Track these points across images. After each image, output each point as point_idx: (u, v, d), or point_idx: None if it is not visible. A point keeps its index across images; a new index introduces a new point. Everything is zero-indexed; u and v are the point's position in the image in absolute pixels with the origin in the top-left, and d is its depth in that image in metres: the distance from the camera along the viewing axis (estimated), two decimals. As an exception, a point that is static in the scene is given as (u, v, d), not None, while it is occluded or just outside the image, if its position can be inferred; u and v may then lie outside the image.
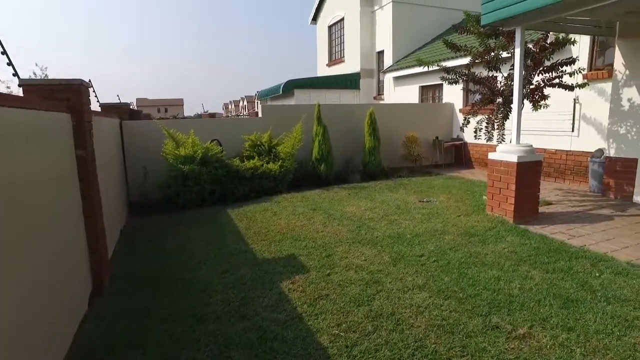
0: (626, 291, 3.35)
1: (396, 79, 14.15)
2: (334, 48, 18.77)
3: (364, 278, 3.75)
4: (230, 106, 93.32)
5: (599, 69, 7.33)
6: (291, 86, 15.58)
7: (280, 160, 8.07)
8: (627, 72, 6.40)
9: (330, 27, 18.66)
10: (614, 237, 4.74)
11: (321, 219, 5.92)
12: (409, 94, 13.44)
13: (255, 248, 4.77)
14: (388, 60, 15.08)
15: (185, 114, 69.55)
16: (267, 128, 8.68)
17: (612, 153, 6.69)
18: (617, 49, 6.53)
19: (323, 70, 19.51)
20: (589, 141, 7.50)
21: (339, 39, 18.03)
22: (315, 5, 19.43)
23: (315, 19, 19.98)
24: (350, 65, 16.72)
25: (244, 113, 64.40)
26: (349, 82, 16.20)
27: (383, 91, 15.44)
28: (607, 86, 6.94)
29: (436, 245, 4.57)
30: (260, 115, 9.18)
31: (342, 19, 17.30)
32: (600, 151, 6.99)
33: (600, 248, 4.37)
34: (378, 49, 15.81)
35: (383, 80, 15.42)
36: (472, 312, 3.07)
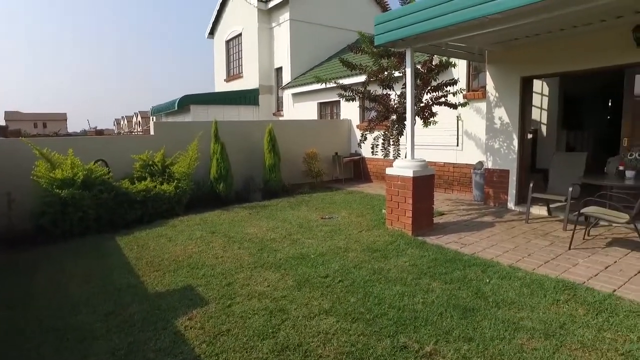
0: (511, 294, 3.60)
1: (295, 95, 14.28)
2: (232, 63, 18.39)
3: (267, 307, 3.50)
4: (122, 122, 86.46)
5: (475, 90, 8.14)
6: (187, 102, 14.83)
7: (176, 181, 7.49)
8: (497, 94, 7.18)
9: (227, 42, 18.28)
10: (497, 242, 5.17)
11: (221, 242, 5.54)
12: (307, 110, 13.63)
13: (147, 281, 4.24)
14: (287, 77, 15.19)
15: (70, 130, 62.44)
16: (160, 146, 8.03)
17: (490, 165, 7.41)
18: (487, 73, 7.30)
19: (221, 85, 18.99)
20: (471, 154, 8.25)
21: (237, 54, 17.73)
22: (212, 20, 18.92)
23: (212, 33, 19.43)
24: (249, 81, 16.50)
25: (138, 130, 60.11)
26: (248, 98, 15.95)
27: (282, 107, 15.47)
28: (483, 105, 7.72)
29: (340, 264, 4.51)
30: (152, 132, 8.47)
31: (240, 35, 17.06)
32: (481, 163, 7.71)
33: (487, 254, 4.71)
34: (277, 65, 15.86)
35: (282, 97, 15.46)
36: (380, 333, 3.01)
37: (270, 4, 15.35)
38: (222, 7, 18.19)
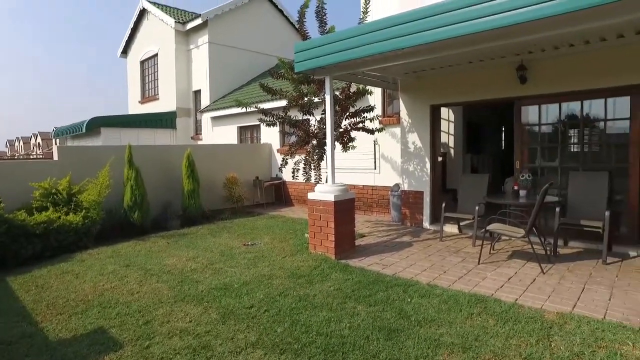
0: (431, 311, 3.79)
1: (214, 118, 14.01)
2: (147, 84, 17.57)
3: (190, 344, 3.30)
4: (17, 144, 77.49)
5: (390, 116, 8.65)
6: (97, 124, 13.78)
7: (84, 210, 6.87)
8: (410, 120, 7.70)
9: (142, 62, 17.48)
10: (415, 261, 5.45)
11: (136, 276, 5.15)
12: (227, 134, 13.42)
13: (47, 327, 3.77)
14: (205, 100, 14.87)
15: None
16: (65, 172, 7.32)
17: (406, 187, 7.85)
18: (400, 100, 7.82)
19: (135, 107, 18.00)
20: (388, 177, 8.68)
21: (153, 75, 17.00)
22: (126, 38, 17.98)
23: (125, 52, 18.46)
24: (166, 103, 15.87)
25: (38, 153, 54.22)
26: (165, 120, 15.29)
27: (201, 131, 15.06)
28: (398, 130, 8.22)
29: (265, 293, 4.42)
30: (56, 157, 7.72)
31: (156, 55, 16.43)
32: (397, 186, 8.13)
33: (407, 274, 4.93)
34: (195, 88, 15.48)
35: (201, 120, 15.07)
36: (308, 362, 2.98)
37: (189, 26, 15.06)
38: (137, 25, 17.44)
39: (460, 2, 4.02)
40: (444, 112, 9.87)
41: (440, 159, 8.30)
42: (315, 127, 7.09)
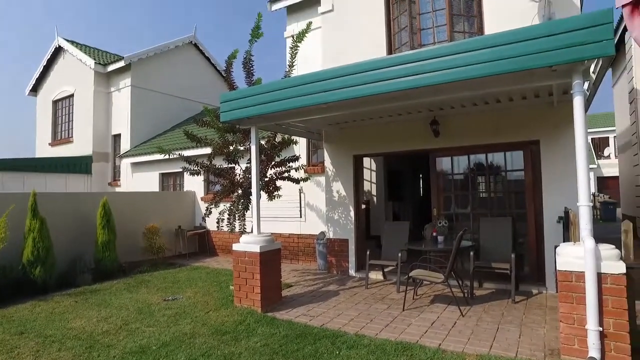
0: (358, 363, 3.77)
1: (135, 164, 13.34)
2: (59, 126, 16.31)
3: (95, 422, 2.93)
4: None
5: (315, 164, 8.88)
6: (-6, 168, 12.40)
7: (-31, 269, 6.01)
8: (334, 169, 7.96)
9: (55, 102, 16.31)
10: (342, 311, 5.44)
11: (32, 345, 4.53)
12: (149, 181, 12.80)
13: None
14: (126, 145, 14.16)
15: None
16: (-52, 225, 6.42)
17: (331, 235, 7.96)
18: (325, 150, 8.09)
19: (44, 150, 16.54)
20: (314, 225, 8.76)
21: (67, 116, 15.88)
22: (37, 76, 16.71)
23: (35, 90, 17.12)
24: (81, 146, 14.83)
25: None
26: (79, 165, 14.22)
27: (120, 177, 14.20)
28: (322, 179, 8.42)
29: (187, 354, 4.11)
30: (-63, 207, 6.77)
31: (72, 95, 15.47)
32: (323, 234, 8.22)
33: (335, 324, 4.89)
34: (115, 131, 14.71)
35: (120, 166, 14.25)
36: None
37: (110, 68, 14.51)
38: (51, 63, 16.39)
39: (374, 64, 4.39)
40: (366, 161, 10.35)
41: (363, 206, 8.60)
42: (241, 176, 7.04)
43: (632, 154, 11.62)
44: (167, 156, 7.36)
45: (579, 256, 3.52)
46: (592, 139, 29.31)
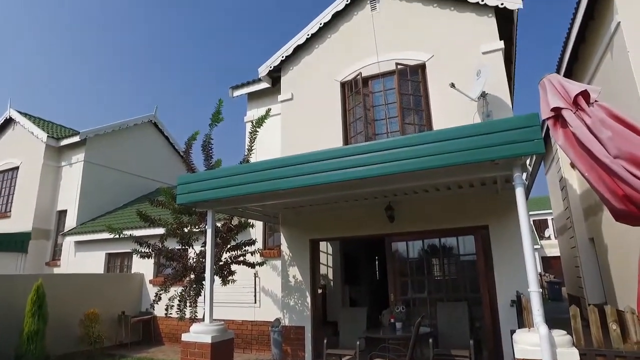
0: None
1: (79, 243, 12.54)
2: (-3, 199, 15.33)
3: None
4: None
5: (271, 248, 8.73)
6: None
7: None
8: (290, 253, 7.84)
9: (-4, 173, 15.47)
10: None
11: None
12: (93, 261, 11.97)
13: None
14: (71, 222, 13.39)
15: None
16: None
17: (287, 322, 7.60)
18: (281, 234, 8.03)
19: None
20: (269, 311, 8.38)
21: (8, 189, 14.97)
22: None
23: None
24: (19, 222, 13.84)
25: None
26: (14, 243, 13.13)
27: (60, 256, 13.19)
28: (279, 263, 8.24)
29: None
30: None
31: (17, 168, 14.75)
32: (278, 320, 7.84)
33: None
34: (60, 207, 13.96)
35: (62, 244, 13.32)
36: None
37: (63, 142, 14.15)
38: (-3, 134, 15.79)
39: (329, 153, 4.61)
40: (323, 244, 10.33)
41: (320, 291, 8.39)
42: (194, 260, 6.78)
43: (568, 236, 12.41)
44: (116, 235, 7.01)
45: (535, 343, 3.58)
46: (533, 220, 31.16)
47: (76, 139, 13.86)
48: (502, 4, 6.81)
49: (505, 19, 7.10)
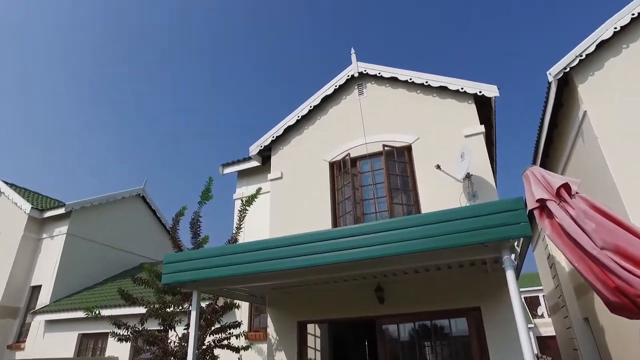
0: None
1: (50, 322, 11.82)
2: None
3: None
4: None
5: (257, 330, 8.35)
6: None
7: None
8: (277, 336, 7.47)
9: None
10: None
11: None
12: (64, 343, 11.21)
13: None
14: (45, 299, 12.73)
15: None
16: None
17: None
18: (268, 316, 7.71)
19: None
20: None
21: (-18, 261, 14.39)
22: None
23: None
24: (-14, 299, 13.09)
25: None
26: (-24, 321, 12.31)
27: (26, 337, 12.28)
28: (264, 347, 7.83)
29: None
30: None
31: (-7, 240, 14.30)
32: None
33: None
34: (35, 282, 13.34)
35: (31, 323, 12.50)
36: None
37: (47, 214, 13.91)
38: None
39: (318, 235, 4.62)
40: (311, 326, 9.91)
41: (308, 377, 7.89)
42: (175, 344, 6.40)
43: (562, 315, 12.16)
44: (92, 315, 6.64)
45: None
46: (524, 297, 30.60)
47: (61, 210, 13.66)
48: (480, 92, 7.31)
49: (484, 105, 7.58)
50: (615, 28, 6.58)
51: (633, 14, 6.56)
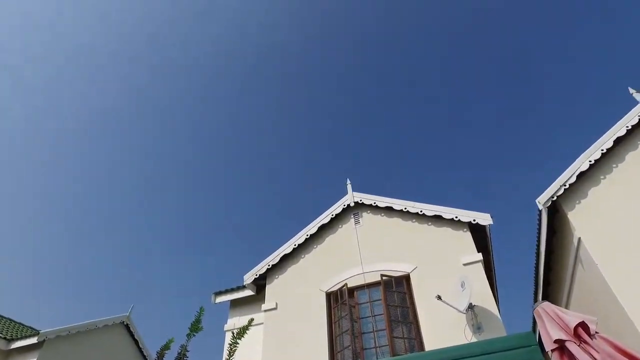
0: None
1: None
2: None
3: None
4: None
5: None
6: None
7: None
8: None
9: None
10: None
11: None
12: None
13: None
14: None
15: None
16: None
17: None
18: None
19: None
20: None
21: None
22: None
23: None
24: None
25: None
26: None
27: None
28: None
29: None
30: None
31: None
32: None
33: None
34: None
35: None
36: None
37: (15, 344, 12.70)
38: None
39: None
40: None
41: None
42: None
43: None
44: None
45: None
46: None
47: (32, 340, 12.53)
48: (474, 220, 7.46)
49: (480, 232, 7.66)
50: (590, 161, 6.94)
51: (602, 149, 6.97)
